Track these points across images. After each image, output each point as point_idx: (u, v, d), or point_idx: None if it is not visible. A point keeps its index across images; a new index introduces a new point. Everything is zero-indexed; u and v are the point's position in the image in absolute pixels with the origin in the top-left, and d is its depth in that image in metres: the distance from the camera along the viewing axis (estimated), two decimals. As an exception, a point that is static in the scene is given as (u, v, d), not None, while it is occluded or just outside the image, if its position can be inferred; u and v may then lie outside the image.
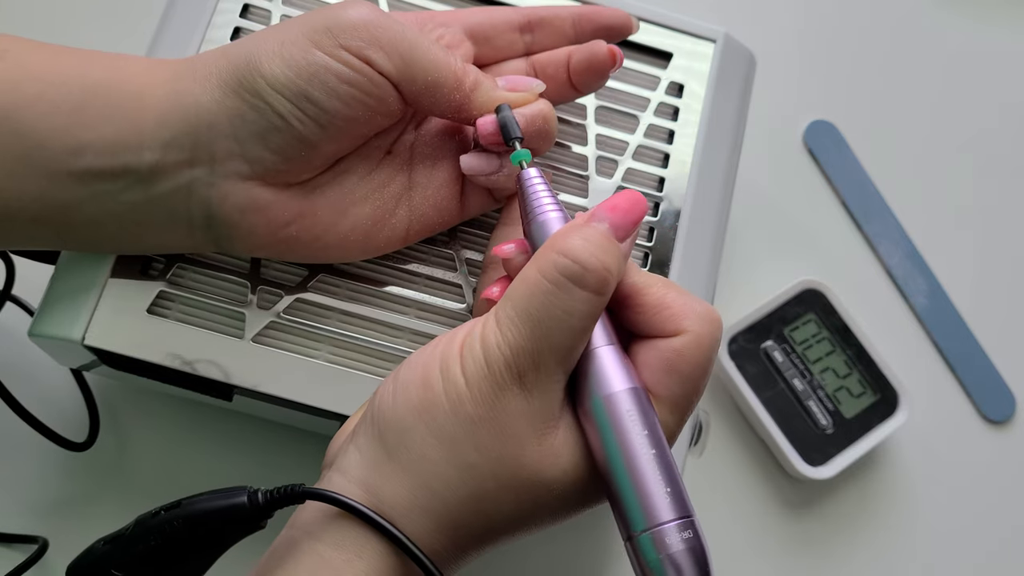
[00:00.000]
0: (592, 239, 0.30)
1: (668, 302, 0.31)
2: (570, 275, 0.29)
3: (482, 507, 0.30)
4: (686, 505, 0.29)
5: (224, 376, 0.37)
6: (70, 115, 0.33)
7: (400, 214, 0.37)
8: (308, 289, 0.39)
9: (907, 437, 0.53)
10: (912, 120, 0.60)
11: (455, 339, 0.31)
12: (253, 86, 0.33)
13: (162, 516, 0.30)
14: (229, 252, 0.38)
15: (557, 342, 0.29)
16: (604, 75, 0.39)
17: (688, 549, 0.28)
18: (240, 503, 0.30)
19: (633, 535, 0.29)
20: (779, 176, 0.58)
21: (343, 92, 0.33)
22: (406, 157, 0.38)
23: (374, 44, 0.34)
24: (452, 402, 0.30)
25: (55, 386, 0.47)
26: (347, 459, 0.31)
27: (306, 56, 0.33)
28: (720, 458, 0.52)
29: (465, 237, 0.41)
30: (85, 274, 0.38)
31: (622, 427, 0.29)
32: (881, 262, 0.57)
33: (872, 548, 0.52)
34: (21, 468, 0.46)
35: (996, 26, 0.63)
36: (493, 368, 0.29)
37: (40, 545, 0.43)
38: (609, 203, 0.31)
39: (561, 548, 0.49)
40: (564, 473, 0.30)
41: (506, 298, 0.30)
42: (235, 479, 0.46)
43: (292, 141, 0.34)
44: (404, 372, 0.31)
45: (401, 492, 0.30)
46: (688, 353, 0.31)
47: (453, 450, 0.29)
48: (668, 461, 0.29)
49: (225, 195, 0.34)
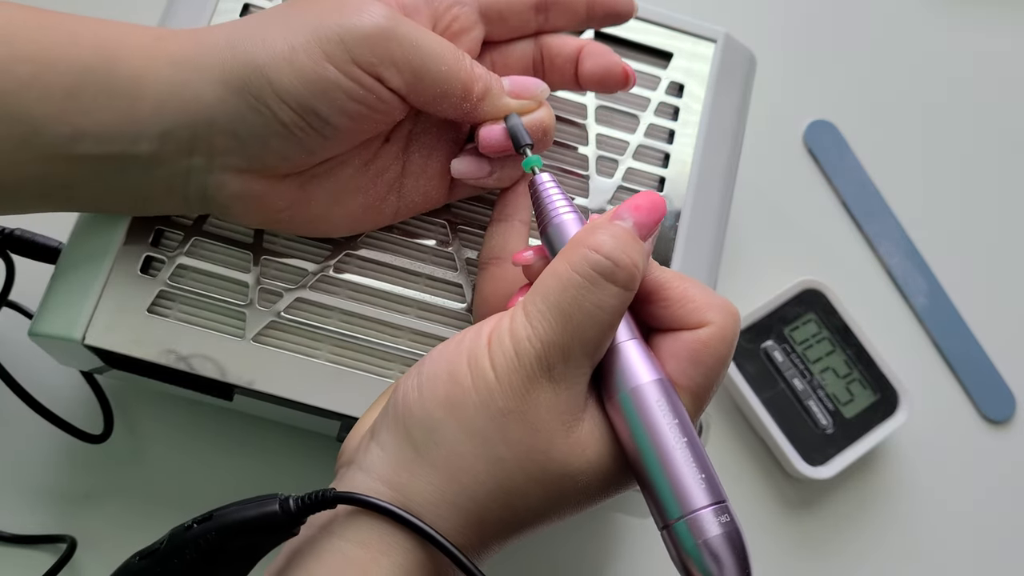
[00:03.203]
0: (620, 236, 0.30)
1: (691, 295, 0.32)
2: (601, 270, 0.30)
3: (510, 500, 0.30)
4: (719, 490, 0.29)
5: (224, 376, 0.37)
6: (64, 100, 0.32)
7: (390, 200, 0.38)
8: (308, 288, 0.39)
9: (907, 437, 0.54)
10: (912, 120, 0.60)
11: (482, 333, 0.31)
12: (259, 92, 0.33)
13: (195, 529, 0.30)
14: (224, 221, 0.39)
15: (587, 336, 0.30)
16: (614, 91, 0.39)
17: (725, 533, 0.28)
18: (272, 511, 0.30)
19: (669, 523, 0.29)
20: (779, 176, 0.58)
21: (350, 109, 0.33)
22: (402, 146, 0.38)
23: (387, 60, 0.33)
24: (481, 396, 0.30)
25: (60, 384, 0.47)
26: (369, 457, 0.31)
27: (316, 70, 0.32)
28: (720, 458, 0.52)
29: (465, 237, 0.41)
30: (85, 274, 0.38)
31: (652, 418, 0.30)
32: (881, 262, 0.57)
33: (872, 548, 0.52)
34: (37, 465, 0.46)
35: (996, 27, 0.63)
36: (524, 361, 0.29)
37: (69, 544, 0.43)
38: (632, 203, 0.32)
39: (561, 548, 0.49)
40: (589, 464, 0.30)
41: (535, 292, 0.30)
42: (248, 472, 0.47)
43: (293, 147, 0.34)
44: (428, 367, 0.31)
45: (429, 488, 0.30)
46: (713, 344, 0.31)
47: (483, 444, 0.29)
48: (699, 448, 0.30)
49: (221, 184, 0.35)
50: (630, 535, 0.49)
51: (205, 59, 0.33)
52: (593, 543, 0.49)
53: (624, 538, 0.49)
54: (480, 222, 0.41)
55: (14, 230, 0.42)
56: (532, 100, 0.36)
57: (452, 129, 0.38)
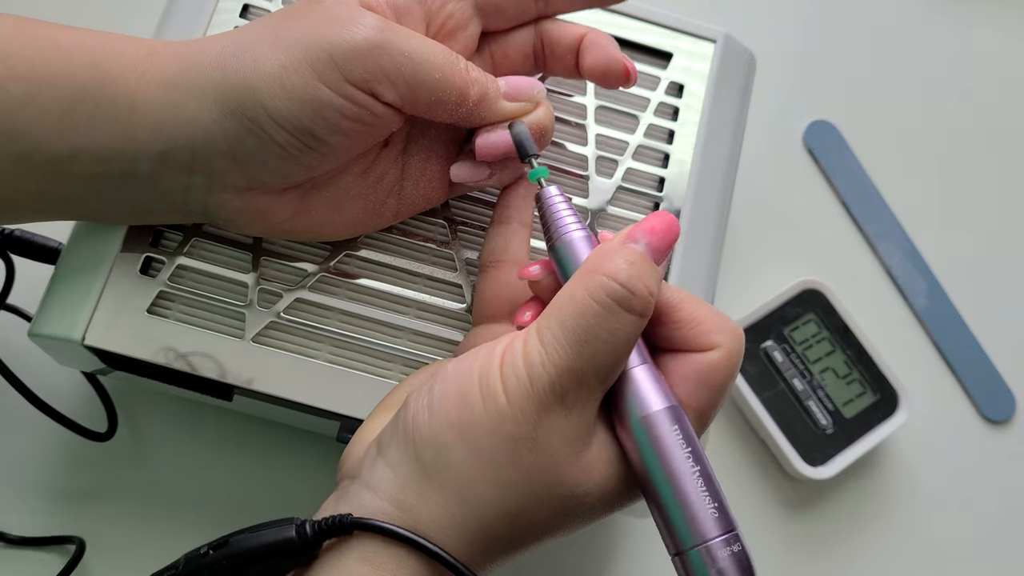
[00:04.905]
0: (637, 263, 0.30)
1: (702, 317, 0.31)
2: (618, 299, 0.29)
3: (517, 521, 0.30)
4: (730, 520, 0.30)
5: (224, 376, 0.37)
6: (61, 119, 0.32)
7: (390, 203, 0.38)
8: (308, 289, 0.39)
9: (907, 437, 0.53)
10: (912, 120, 0.60)
11: (494, 354, 0.30)
12: (253, 115, 0.32)
13: (212, 556, 0.30)
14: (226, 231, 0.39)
15: (601, 363, 0.29)
16: (614, 87, 0.38)
17: (736, 562, 0.29)
18: (288, 538, 0.30)
19: (682, 551, 0.29)
20: (779, 176, 0.58)
21: (345, 127, 0.33)
22: (401, 148, 0.38)
23: (379, 75, 0.32)
24: (493, 420, 0.29)
25: (60, 385, 0.47)
26: (376, 475, 0.31)
27: (308, 91, 0.32)
28: (720, 458, 0.52)
29: (465, 237, 0.41)
30: (85, 274, 0.38)
31: (664, 447, 0.30)
32: (881, 262, 0.57)
33: (872, 548, 0.52)
34: (41, 465, 0.46)
35: (996, 26, 0.63)
36: (537, 387, 0.29)
37: (78, 545, 0.43)
38: (646, 225, 0.31)
39: (562, 549, 0.49)
40: (596, 486, 0.30)
41: (549, 316, 0.30)
42: (248, 472, 0.47)
43: (290, 165, 0.34)
44: (439, 386, 0.31)
45: (438, 511, 0.30)
46: (722, 367, 0.31)
47: (493, 469, 0.29)
48: (710, 477, 0.30)
49: (222, 202, 0.35)
50: (630, 535, 0.49)
51: (196, 80, 0.33)
52: (595, 543, 0.49)
53: (624, 538, 0.49)
54: (480, 222, 0.41)
55: (14, 231, 0.42)
56: (529, 102, 0.36)
57: (450, 130, 0.38)
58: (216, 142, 0.33)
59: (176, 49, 0.34)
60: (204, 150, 0.33)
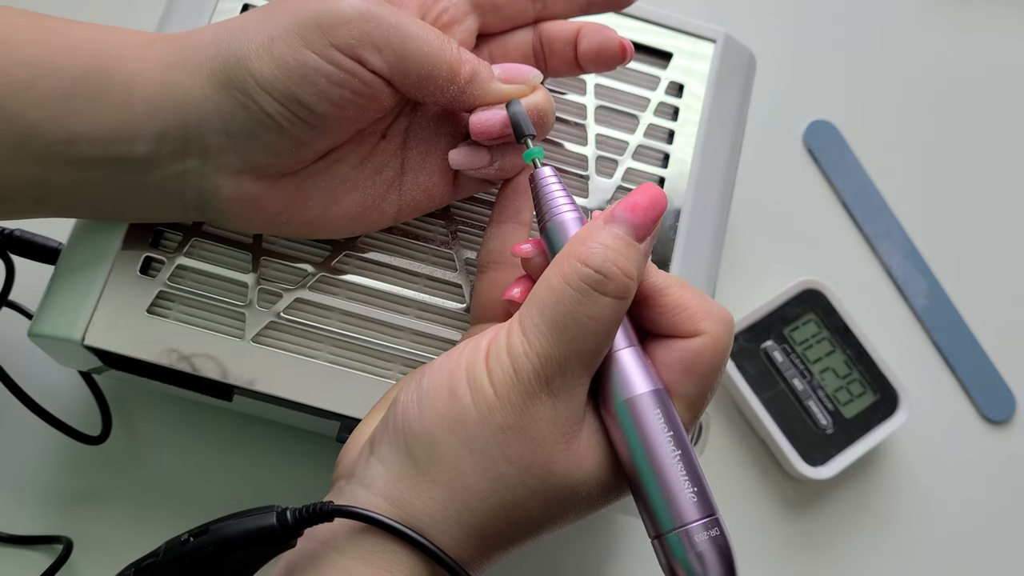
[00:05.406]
0: (612, 245, 0.30)
1: (687, 303, 0.31)
2: (592, 283, 0.29)
3: (511, 514, 0.30)
4: (711, 504, 0.30)
5: (224, 376, 0.37)
6: (61, 105, 0.33)
7: (390, 199, 0.37)
8: (308, 288, 0.39)
9: (907, 437, 0.53)
10: (912, 120, 0.60)
11: (479, 347, 0.31)
12: (243, 84, 0.33)
13: (192, 543, 0.30)
14: (223, 228, 0.39)
15: (584, 347, 0.29)
16: (612, 67, 0.38)
17: (715, 546, 0.29)
18: (269, 525, 0.30)
19: (661, 534, 0.29)
20: (779, 176, 0.58)
21: (334, 94, 0.33)
22: (400, 142, 0.37)
23: (366, 41, 0.32)
24: (481, 412, 0.29)
25: (58, 385, 0.47)
26: (370, 472, 0.31)
27: (295, 56, 0.32)
28: (720, 458, 0.52)
29: (465, 237, 0.41)
30: (85, 274, 0.38)
31: (647, 430, 0.30)
32: (881, 262, 0.57)
33: (872, 548, 0.52)
34: (34, 466, 0.46)
35: (995, 26, 0.63)
36: (522, 376, 0.29)
37: (65, 545, 0.43)
38: (628, 202, 0.31)
39: (562, 549, 0.49)
40: (589, 475, 0.30)
41: (530, 305, 0.30)
42: (247, 473, 0.47)
43: (282, 140, 0.34)
44: (428, 381, 0.31)
45: (431, 505, 0.30)
46: (707, 354, 0.31)
47: (484, 461, 0.29)
48: (692, 461, 0.30)
49: (218, 187, 0.35)
50: (630, 535, 0.49)
51: (192, 58, 0.33)
52: (593, 543, 0.49)
53: (624, 538, 0.49)
54: (480, 222, 0.41)
55: (14, 230, 0.42)
56: (524, 85, 0.35)
57: (450, 124, 0.38)
58: (209, 119, 0.33)
59: (176, 36, 0.35)
60: (197, 128, 0.33)
